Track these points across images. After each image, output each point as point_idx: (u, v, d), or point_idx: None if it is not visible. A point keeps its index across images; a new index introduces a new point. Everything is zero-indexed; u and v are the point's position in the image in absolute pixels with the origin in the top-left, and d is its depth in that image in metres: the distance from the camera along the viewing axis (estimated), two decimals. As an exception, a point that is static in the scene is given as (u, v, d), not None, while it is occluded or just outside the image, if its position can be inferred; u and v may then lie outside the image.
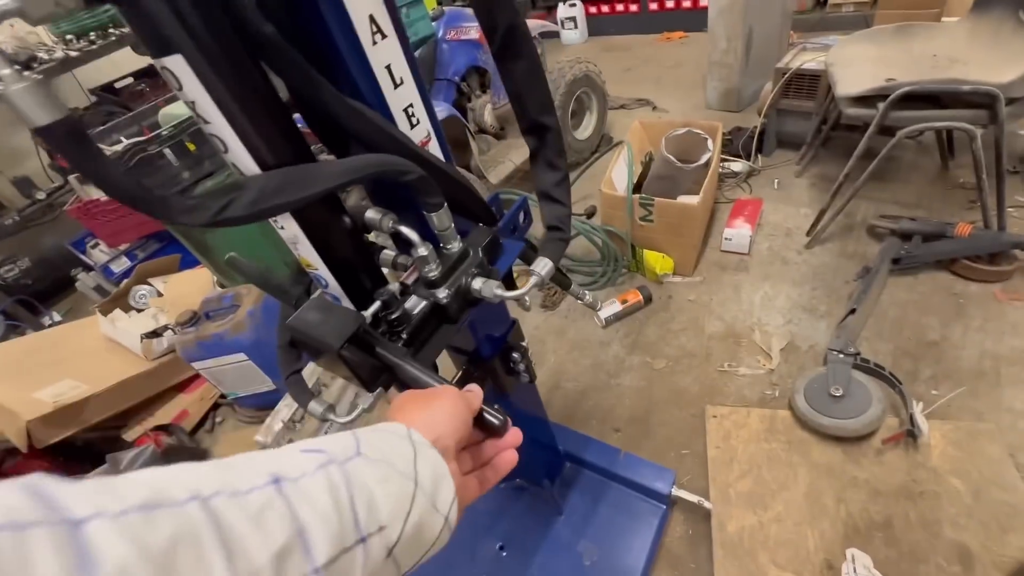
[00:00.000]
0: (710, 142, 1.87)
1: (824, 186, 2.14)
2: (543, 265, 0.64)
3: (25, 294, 2.78)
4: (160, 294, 2.17)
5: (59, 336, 2.12)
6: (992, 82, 1.38)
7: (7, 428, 1.64)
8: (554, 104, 0.61)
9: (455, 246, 0.63)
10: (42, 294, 2.90)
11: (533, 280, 0.63)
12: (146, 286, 2.17)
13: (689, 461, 1.40)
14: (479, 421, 0.46)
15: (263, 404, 1.80)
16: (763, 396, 1.50)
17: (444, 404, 0.41)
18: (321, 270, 0.58)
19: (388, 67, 0.53)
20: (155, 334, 1.87)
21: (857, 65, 1.64)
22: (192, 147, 1.79)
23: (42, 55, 2.55)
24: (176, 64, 0.40)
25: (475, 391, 0.45)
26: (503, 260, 0.71)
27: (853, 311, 1.52)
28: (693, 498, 1.24)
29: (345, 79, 0.51)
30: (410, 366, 0.50)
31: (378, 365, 0.53)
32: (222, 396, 1.95)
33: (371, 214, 0.60)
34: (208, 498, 0.23)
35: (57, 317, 2.79)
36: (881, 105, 1.50)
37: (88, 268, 2.63)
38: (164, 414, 1.90)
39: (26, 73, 0.33)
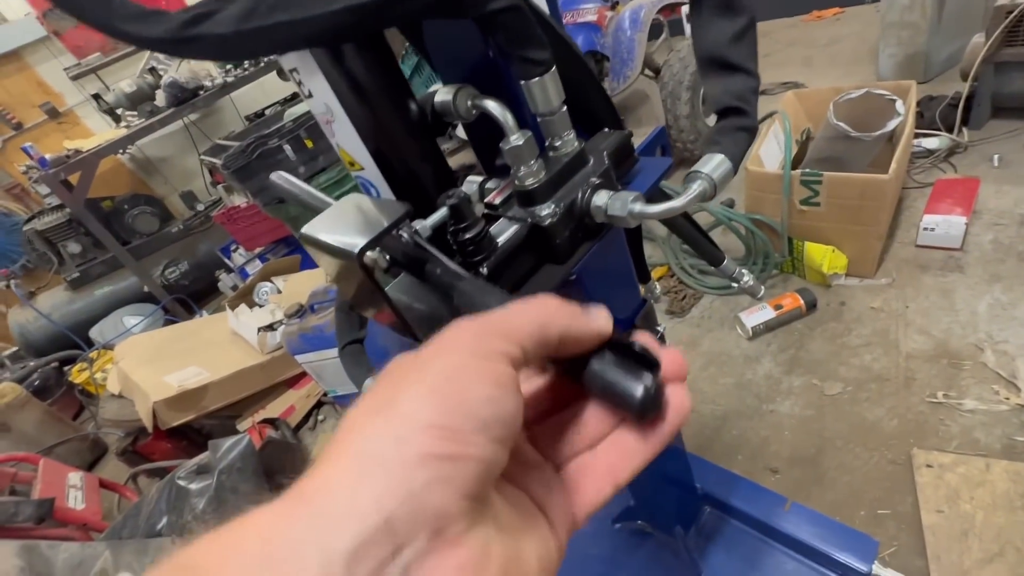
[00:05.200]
0: (899, 104, 1.44)
1: (1077, 159, 1.55)
2: (715, 164, 0.38)
3: (183, 294, 3.13)
4: (280, 291, 2.25)
5: (195, 327, 2.29)
6: None
7: (140, 407, 1.75)
8: None
9: (567, 143, 0.40)
10: (197, 294, 3.25)
11: (696, 186, 0.37)
12: (268, 283, 2.27)
13: (891, 526, 0.99)
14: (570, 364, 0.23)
15: (361, 404, 1.72)
16: (1009, 442, 1.03)
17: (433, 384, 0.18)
18: (368, 171, 0.39)
19: None
20: (270, 328, 1.91)
21: None
22: (309, 143, 1.81)
23: (207, 83, 2.93)
24: None
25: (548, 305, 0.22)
26: (639, 179, 0.47)
27: None
28: (908, 583, 0.85)
29: None
30: (477, 288, 0.28)
31: (434, 297, 0.32)
32: (325, 394, 1.92)
33: (441, 95, 0.40)
34: None
35: (204, 315, 3.09)
36: None
37: (230, 270, 2.88)
38: (274, 408, 1.92)
39: None
